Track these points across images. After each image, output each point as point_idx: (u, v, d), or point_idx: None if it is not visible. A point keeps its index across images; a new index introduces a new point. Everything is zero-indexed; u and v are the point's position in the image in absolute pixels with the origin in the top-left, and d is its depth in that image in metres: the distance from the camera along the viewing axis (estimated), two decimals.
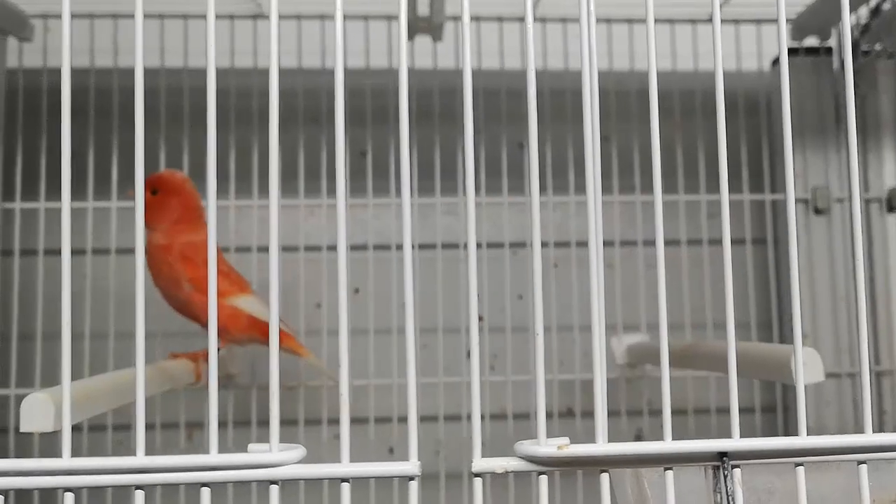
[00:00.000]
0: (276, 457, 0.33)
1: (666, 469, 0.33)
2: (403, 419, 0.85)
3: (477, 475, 0.33)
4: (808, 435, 0.34)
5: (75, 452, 0.32)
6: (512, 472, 0.33)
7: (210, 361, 0.33)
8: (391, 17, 0.87)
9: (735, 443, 0.33)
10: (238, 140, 0.85)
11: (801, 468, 0.34)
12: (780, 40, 0.37)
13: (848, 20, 0.37)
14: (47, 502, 0.81)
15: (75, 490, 0.32)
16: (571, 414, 0.88)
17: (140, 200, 0.34)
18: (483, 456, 0.34)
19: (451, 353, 0.86)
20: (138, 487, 0.32)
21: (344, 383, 0.33)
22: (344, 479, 0.33)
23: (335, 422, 0.86)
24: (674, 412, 0.35)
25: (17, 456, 0.77)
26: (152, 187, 0.72)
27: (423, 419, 0.84)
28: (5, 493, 0.32)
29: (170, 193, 0.72)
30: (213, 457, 0.32)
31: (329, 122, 0.88)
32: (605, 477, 0.34)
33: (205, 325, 0.69)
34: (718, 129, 0.35)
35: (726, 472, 0.33)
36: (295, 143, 0.85)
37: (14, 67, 0.85)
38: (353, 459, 0.33)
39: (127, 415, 0.82)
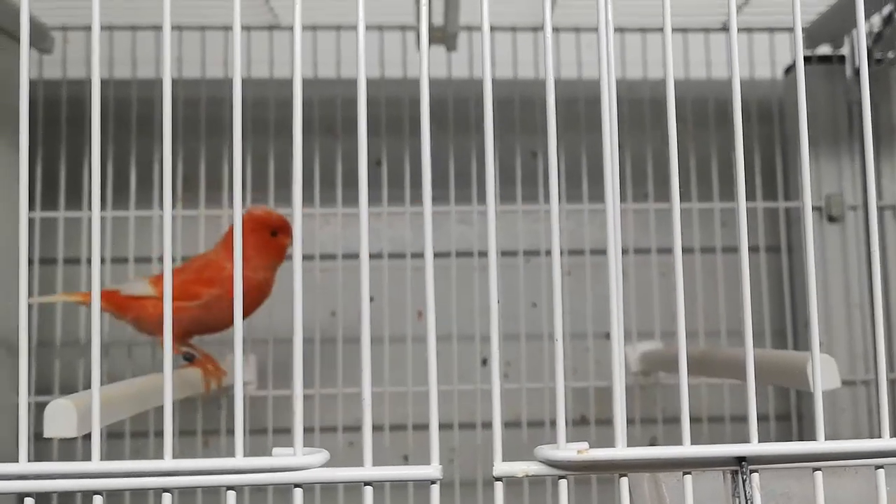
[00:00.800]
0: (301, 460, 0.33)
1: (685, 473, 0.34)
2: (418, 426, 0.86)
3: (498, 479, 0.34)
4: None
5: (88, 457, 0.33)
6: (532, 475, 0.33)
7: (236, 368, 0.34)
8: (406, 28, 0.88)
9: (753, 447, 0.34)
10: (254, 149, 0.86)
11: (818, 472, 0.34)
12: (795, 47, 0.38)
13: (863, 28, 0.37)
14: None
15: (105, 493, 0.33)
16: (586, 421, 0.88)
17: (167, 216, 0.35)
18: (490, 465, 0.34)
19: (465, 360, 0.87)
20: (165, 490, 0.33)
21: (366, 387, 0.34)
22: (367, 483, 0.33)
23: (349, 429, 0.87)
24: (689, 419, 0.35)
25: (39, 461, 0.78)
26: (272, 228, 0.72)
27: (440, 427, 0.85)
28: (34, 495, 0.32)
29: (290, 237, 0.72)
30: (240, 460, 0.33)
31: (345, 131, 0.89)
32: (624, 481, 0.34)
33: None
34: (735, 137, 0.36)
35: (745, 477, 0.33)
36: (311, 152, 0.86)
37: (34, 79, 0.86)
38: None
39: (143, 422, 0.83)
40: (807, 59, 0.91)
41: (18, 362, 0.35)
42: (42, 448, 0.80)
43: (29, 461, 0.33)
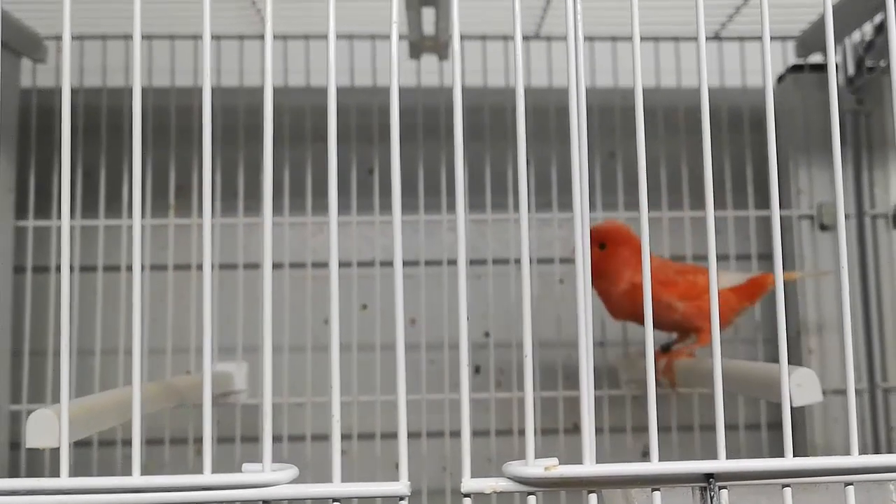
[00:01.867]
0: (269, 476, 0.33)
1: (653, 490, 0.34)
2: (412, 435, 0.86)
3: (466, 495, 0.34)
4: (795, 456, 0.34)
5: (84, 468, 0.33)
6: (500, 492, 0.33)
7: (205, 379, 0.34)
8: (399, 37, 0.88)
9: (721, 464, 0.33)
10: (247, 157, 0.86)
11: (787, 489, 0.34)
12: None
13: (832, 43, 0.38)
14: None
15: None
16: (578, 430, 0.87)
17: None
18: (479, 475, 0.34)
19: (457, 369, 0.87)
20: None
21: (336, 403, 0.34)
22: (335, 500, 0.34)
23: (347, 437, 0.87)
24: (680, 429, 0.35)
25: (29, 472, 0.78)
26: (600, 241, 0.76)
27: (429, 435, 0.85)
28: None
29: (620, 245, 0.76)
30: (207, 477, 0.33)
31: (338, 139, 0.89)
32: (593, 497, 0.34)
33: (696, 328, 0.74)
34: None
35: (713, 493, 0.33)
36: (303, 160, 0.86)
37: (28, 87, 0.87)
38: (360, 475, 0.34)
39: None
40: (799, 68, 0.91)
41: (19, 370, 0.35)
42: (35, 458, 0.80)
43: (12, 471, 0.33)
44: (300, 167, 0.86)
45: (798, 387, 0.48)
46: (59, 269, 0.82)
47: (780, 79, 0.93)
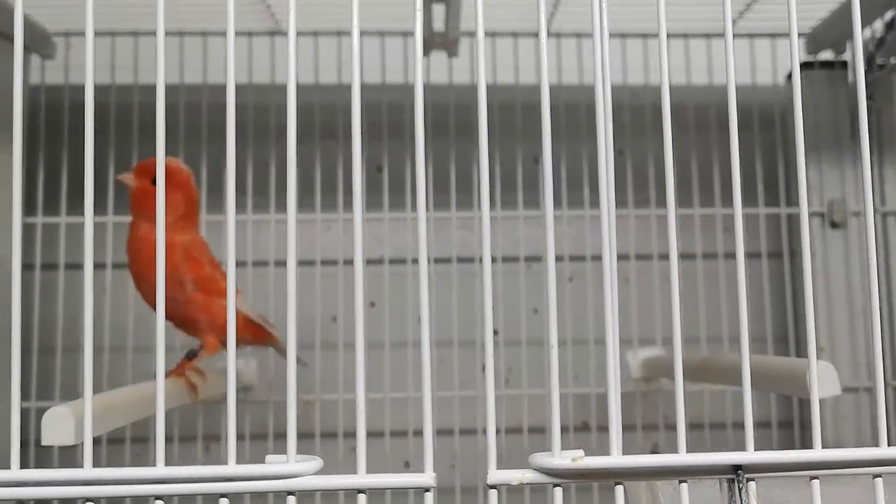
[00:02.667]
0: (294, 468, 0.33)
1: (680, 482, 0.33)
2: (419, 433, 0.85)
3: (492, 487, 0.33)
4: (823, 448, 0.34)
5: (94, 465, 0.33)
6: (527, 483, 0.33)
7: (229, 372, 0.34)
8: (407, 34, 0.88)
9: (750, 455, 0.33)
10: (255, 155, 0.86)
11: (816, 481, 0.34)
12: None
13: (860, 35, 0.37)
14: None
15: (94, 500, 0.33)
16: (587, 428, 0.87)
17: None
18: (498, 469, 0.34)
19: (466, 366, 0.87)
20: (158, 498, 0.33)
21: (361, 394, 0.33)
22: (360, 490, 0.33)
23: (351, 435, 0.87)
24: (690, 426, 0.35)
25: (38, 468, 0.78)
26: (152, 176, 0.65)
27: (438, 433, 0.85)
28: (26, 503, 0.32)
29: (175, 187, 0.66)
30: (231, 468, 0.33)
31: (346, 137, 0.89)
32: (619, 489, 0.34)
33: (200, 327, 0.68)
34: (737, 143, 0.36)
35: (741, 486, 0.33)
36: (311, 158, 0.86)
37: (36, 84, 0.86)
38: (368, 472, 0.33)
39: (145, 428, 0.83)
40: (809, 65, 0.91)
41: (23, 367, 0.35)
42: (43, 455, 0.80)
43: (22, 468, 0.33)
44: (308, 164, 0.86)
45: (817, 380, 0.48)
46: (67, 266, 0.83)
47: (790, 76, 0.93)
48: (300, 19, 0.87)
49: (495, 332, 0.91)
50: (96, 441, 0.82)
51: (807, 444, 0.88)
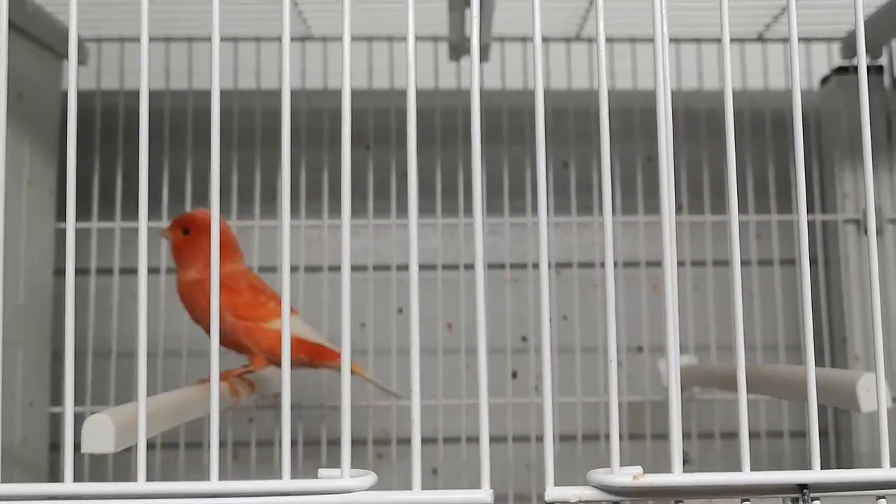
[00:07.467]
0: (348, 483, 0.33)
1: (743, 501, 0.33)
2: (448, 440, 0.85)
3: None
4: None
5: (123, 472, 0.33)
6: (586, 501, 0.33)
7: (283, 386, 0.33)
8: (438, 39, 0.88)
9: (816, 474, 0.33)
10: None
11: (882, 501, 0.33)
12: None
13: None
14: None
15: None
16: (621, 438, 0.86)
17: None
18: (519, 479, 0.33)
19: (496, 373, 0.86)
20: None
21: (416, 409, 0.33)
22: None
23: (380, 442, 0.86)
24: (723, 436, 0.34)
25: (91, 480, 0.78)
26: (183, 227, 0.70)
27: (468, 440, 0.84)
28: None
29: (202, 232, 0.70)
30: (286, 482, 0.32)
31: (376, 143, 0.89)
32: None
33: (250, 351, 0.69)
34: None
35: None
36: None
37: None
38: (397, 479, 0.33)
39: (174, 434, 0.83)
40: (844, 70, 0.89)
41: (61, 371, 0.34)
42: (74, 460, 0.80)
43: (75, 476, 0.33)
44: (337, 171, 0.86)
45: (867, 392, 0.47)
46: (99, 271, 0.83)
47: (825, 80, 0.92)
48: (330, 26, 0.87)
49: (524, 339, 0.91)
50: (126, 448, 0.82)
51: (842, 455, 0.86)
